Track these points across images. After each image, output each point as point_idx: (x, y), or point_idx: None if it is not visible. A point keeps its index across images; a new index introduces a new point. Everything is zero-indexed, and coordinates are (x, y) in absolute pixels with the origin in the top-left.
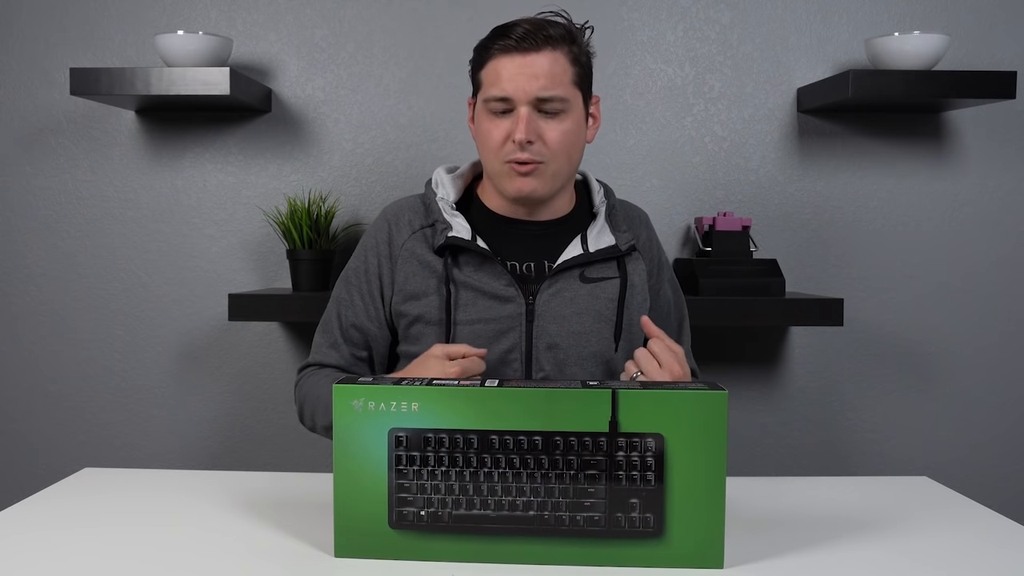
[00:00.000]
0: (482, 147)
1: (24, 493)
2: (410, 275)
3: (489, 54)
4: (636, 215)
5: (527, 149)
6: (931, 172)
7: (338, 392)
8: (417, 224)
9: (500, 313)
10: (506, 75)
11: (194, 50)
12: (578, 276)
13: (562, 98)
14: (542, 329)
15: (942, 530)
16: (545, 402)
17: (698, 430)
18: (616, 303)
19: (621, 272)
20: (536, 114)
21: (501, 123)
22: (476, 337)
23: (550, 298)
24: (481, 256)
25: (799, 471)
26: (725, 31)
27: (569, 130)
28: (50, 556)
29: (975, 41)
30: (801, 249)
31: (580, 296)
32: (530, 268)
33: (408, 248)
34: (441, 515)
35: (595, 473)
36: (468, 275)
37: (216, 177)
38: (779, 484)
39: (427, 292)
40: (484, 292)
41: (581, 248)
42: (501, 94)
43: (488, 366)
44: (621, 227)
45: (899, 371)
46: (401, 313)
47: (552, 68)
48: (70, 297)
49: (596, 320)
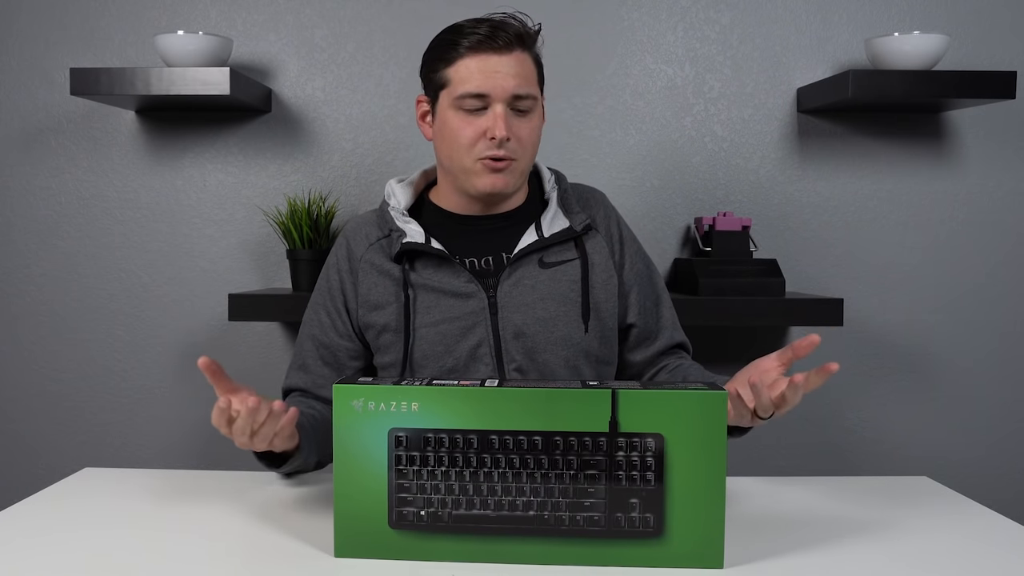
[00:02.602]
0: (450, 145)
1: (24, 493)
2: (372, 286)
3: (457, 52)
4: (589, 195)
5: (504, 146)
6: (931, 172)
7: (338, 392)
8: (374, 236)
9: (463, 310)
10: (481, 74)
11: (194, 50)
12: (537, 262)
13: (533, 96)
14: (507, 320)
15: (942, 530)
16: (545, 402)
17: (698, 430)
18: (579, 284)
19: (580, 252)
20: (510, 112)
21: (474, 120)
22: (441, 337)
23: (511, 288)
24: (438, 257)
25: (799, 471)
26: (725, 31)
27: (536, 127)
28: (50, 556)
29: (975, 41)
30: (801, 249)
31: (541, 282)
32: (488, 262)
33: (367, 260)
34: (441, 515)
35: (595, 473)
36: (427, 277)
37: (216, 177)
38: (779, 484)
39: (389, 301)
40: (444, 292)
41: (536, 235)
42: (478, 91)
43: (458, 363)
44: (574, 208)
45: (899, 371)
46: (368, 325)
47: (522, 67)
48: (70, 297)
49: (561, 303)
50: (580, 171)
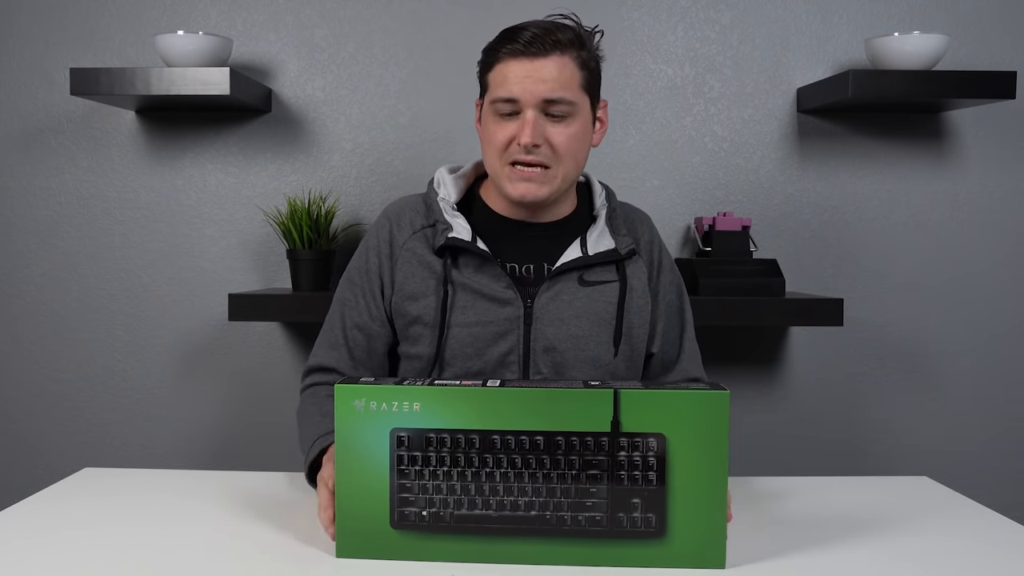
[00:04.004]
0: (486, 148)
1: (24, 493)
2: (410, 275)
3: (497, 57)
4: (637, 217)
5: (533, 152)
6: (931, 172)
7: (340, 392)
8: (418, 224)
9: (498, 316)
10: (513, 78)
11: (194, 50)
12: (577, 279)
13: (569, 101)
14: (540, 332)
15: (942, 530)
16: (547, 402)
17: (700, 430)
18: (615, 307)
19: (620, 276)
20: (543, 117)
21: (507, 125)
22: (473, 339)
23: (548, 301)
24: (481, 258)
25: (799, 471)
26: (725, 31)
27: (575, 134)
28: (50, 556)
29: (975, 41)
30: (801, 249)
31: (578, 299)
32: (529, 270)
33: (409, 248)
34: (443, 515)
35: (597, 473)
36: (467, 276)
37: (216, 177)
38: (779, 484)
39: (426, 293)
40: (482, 294)
41: (580, 251)
42: (508, 96)
43: (486, 367)
44: (621, 230)
45: (899, 371)
46: (400, 313)
47: (560, 72)
48: (70, 297)
49: (594, 324)
50: None
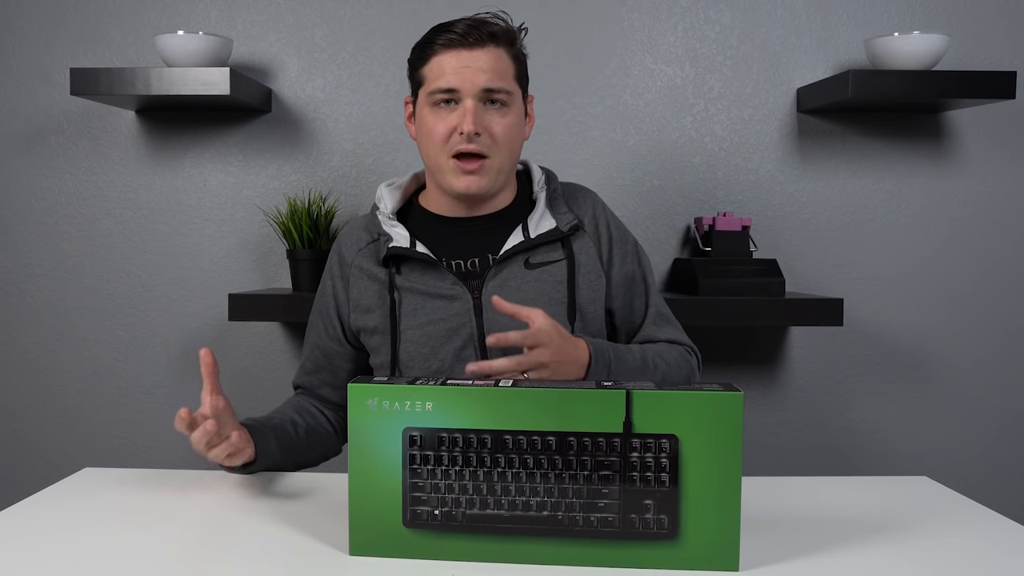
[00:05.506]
0: (425, 142)
1: (24, 493)
2: (362, 290)
3: (432, 50)
4: (580, 194)
5: (474, 140)
6: (931, 172)
7: (353, 391)
8: (364, 240)
9: (448, 312)
10: (451, 68)
11: (194, 50)
12: (523, 263)
13: (507, 91)
14: (492, 321)
15: (942, 531)
16: (559, 402)
17: (713, 431)
18: (565, 285)
19: (567, 253)
20: (481, 107)
21: (446, 116)
22: (427, 339)
23: (495, 289)
24: (424, 261)
25: (799, 471)
26: (725, 31)
27: (512, 123)
28: (50, 556)
29: (975, 41)
30: (801, 249)
31: (527, 283)
32: (475, 264)
33: (357, 264)
34: (455, 514)
35: (609, 474)
36: (413, 281)
37: (216, 177)
38: (779, 484)
39: (377, 304)
40: (429, 294)
41: (523, 236)
42: (447, 86)
43: (444, 365)
44: (562, 208)
45: (899, 371)
46: (359, 328)
47: (497, 62)
48: (70, 297)
49: (547, 304)
50: (580, 171)
